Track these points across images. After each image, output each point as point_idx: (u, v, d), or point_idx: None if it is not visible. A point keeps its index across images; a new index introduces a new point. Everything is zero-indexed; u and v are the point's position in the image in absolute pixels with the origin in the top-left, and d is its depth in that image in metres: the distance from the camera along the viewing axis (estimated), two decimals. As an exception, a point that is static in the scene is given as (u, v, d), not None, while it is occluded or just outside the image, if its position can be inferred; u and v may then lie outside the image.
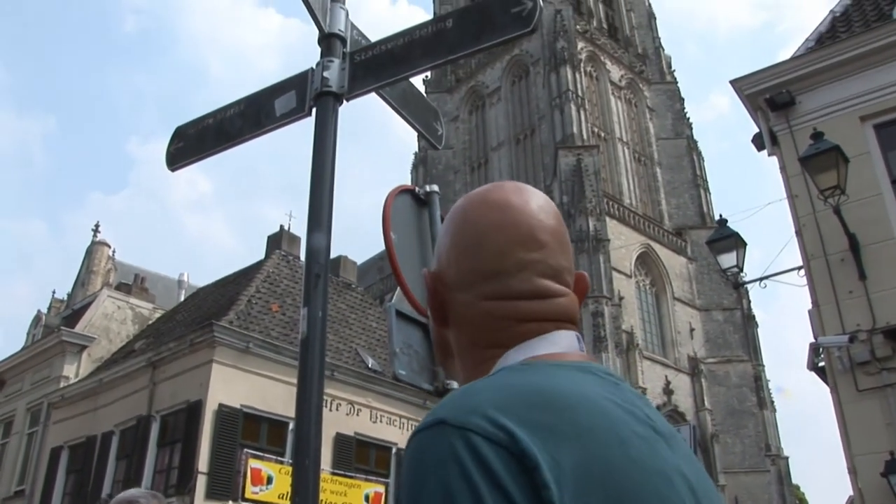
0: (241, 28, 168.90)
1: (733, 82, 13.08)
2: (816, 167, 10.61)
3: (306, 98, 3.24)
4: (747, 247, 12.74)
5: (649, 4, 71.53)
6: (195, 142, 3.70)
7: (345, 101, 3.20)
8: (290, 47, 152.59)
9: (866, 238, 10.80)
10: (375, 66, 3.20)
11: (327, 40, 3.25)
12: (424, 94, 4.17)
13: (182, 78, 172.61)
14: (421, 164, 63.83)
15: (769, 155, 12.89)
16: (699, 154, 62.97)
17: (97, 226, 56.52)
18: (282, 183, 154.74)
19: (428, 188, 3.51)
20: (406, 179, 66.34)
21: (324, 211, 2.92)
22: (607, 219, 51.82)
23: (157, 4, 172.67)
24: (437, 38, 3.14)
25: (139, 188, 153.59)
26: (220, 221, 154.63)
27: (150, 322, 32.40)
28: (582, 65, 59.88)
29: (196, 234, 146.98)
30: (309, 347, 2.72)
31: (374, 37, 3.43)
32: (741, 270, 12.56)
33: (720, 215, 13.56)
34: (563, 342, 1.15)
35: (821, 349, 11.00)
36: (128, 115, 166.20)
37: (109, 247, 54.23)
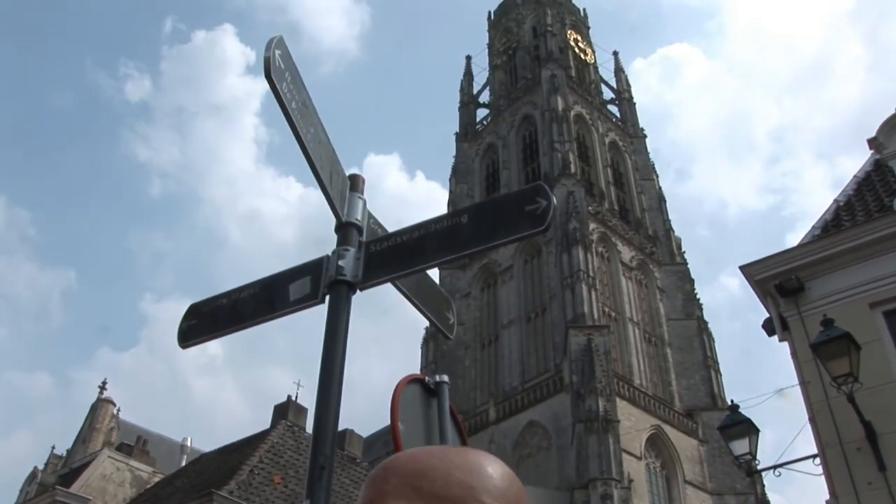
0: (262, 197, 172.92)
1: (743, 268, 13.21)
2: (828, 354, 10.55)
3: (320, 285, 3.28)
4: (760, 432, 12.51)
5: (659, 188, 73.25)
6: (208, 320, 3.72)
7: (358, 291, 3.24)
8: (309, 218, 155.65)
9: (883, 427, 10.60)
10: (390, 257, 3.25)
11: (344, 229, 3.32)
12: (438, 280, 4.21)
13: (201, 241, 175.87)
14: (431, 339, 63.77)
15: (780, 340, 12.86)
16: (709, 335, 62.85)
17: (104, 383, 56.00)
18: (293, 350, 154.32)
19: (438, 378, 3.50)
20: (416, 352, 66.26)
21: (332, 400, 2.90)
22: (617, 399, 51.24)
23: (182, 169, 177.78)
24: (452, 232, 3.20)
25: (149, 347, 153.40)
26: (229, 385, 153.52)
27: (149, 486, 31.64)
28: (593, 245, 60.76)
29: (203, 398, 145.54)
30: (312, 540, 2.65)
31: (390, 217, 3.51)
32: (754, 458, 12.28)
33: (732, 400, 13.39)
34: None
35: (840, 543, 10.62)
36: (144, 272, 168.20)
37: (114, 405, 53.61)
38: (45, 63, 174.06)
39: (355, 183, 3.44)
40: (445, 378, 3.52)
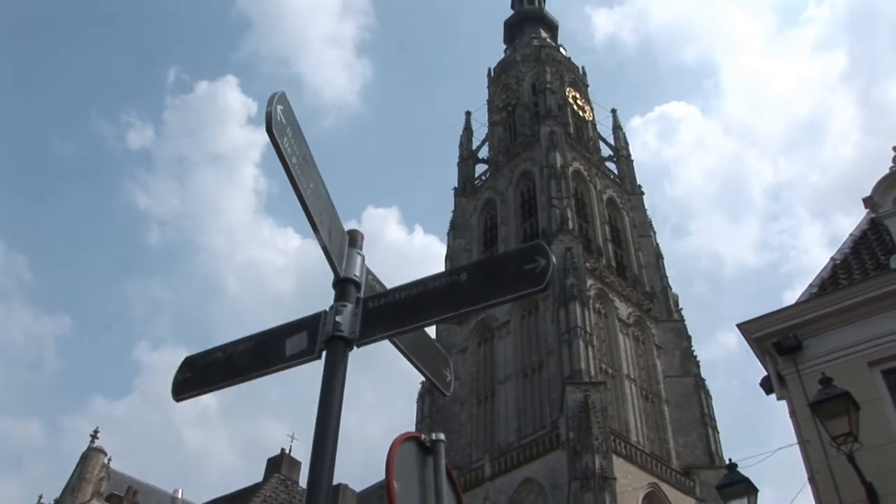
0: (260, 247, 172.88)
1: (740, 326, 13.21)
2: (827, 413, 10.48)
3: (317, 341, 3.26)
4: (759, 492, 12.38)
5: (657, 244, 73.42)
6: (203, 374, 3.70)
7: (355, 347, 3.23)
8: (307, 270, 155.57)
9: (884, 488, 10.50)
10: (388, 313, 3.24)
11: (342, 284, 3.31)
12: (434, 334, 4.19)
13: (198, 290, 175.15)
14: (427, 393, 63.39)
15: (778, 399, 12.82)
16: (707, 392, 62.54)
17: (96, 431, 55.11)
18: (287, 401, 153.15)
19: (434, 436, 3.47)
20: (412, 406, 65.88)
21: (327, 457, 2.87)
22: (614, 457, 50.77)
23: (181, 218, 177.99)
24: (450, 290, 3.20)
25: (143, 396, 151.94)
26: (222, 436, 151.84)
27: (138, 538, 31.20)
28: (591, 301, 60.69)
29: (196, 448, 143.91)
30: None
31: (388, 270, 3.50)
32: (754, 518, 12.14)
33: (730, 459, 13.26)
34: None
35: None
36: (140, 320, 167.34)
37: (105, 454, 52.75)
38: (49, 109, 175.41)
39: (354, 239, 3.44)
40: (442, 436, 3.48)
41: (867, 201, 15.47)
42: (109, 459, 52.88)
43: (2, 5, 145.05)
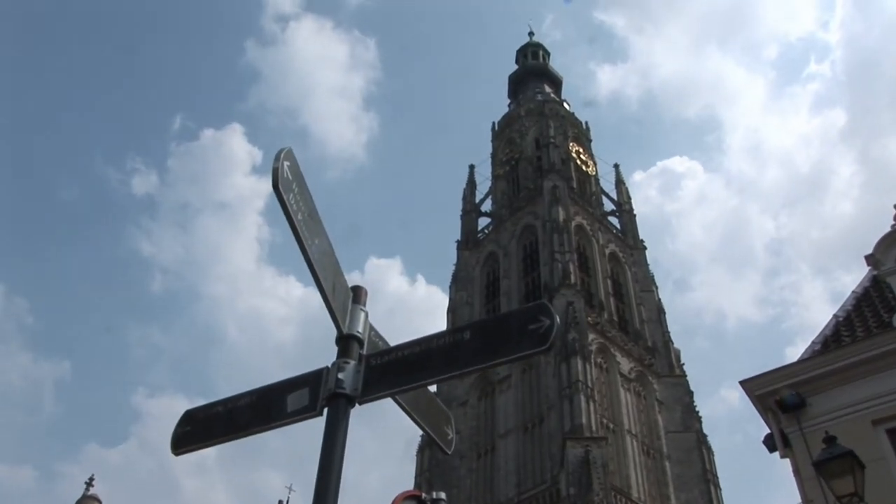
0: (262, 296, 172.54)
1: (743, 383, 13.16)
2: (831, 473, 10.37)
3: (319, 397, 3.26)
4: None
5: (659, 300, 73.33)
6: (203, 428, 3.68)
7: (357, 404, 3.22)
8: (309, 320, 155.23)
9: (891, 551, 10.38)
10: (391, 371, 3.24)
11: (345, 341, 3.31)
12: (435, 387, 4.16)
13: (197, 338, 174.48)
14: (427, 447, 62.91)
15: (781, 457, 12.72)
16: (709, 448, 62.03)
17: (91, 479, 54.57)
18: (286, 451, 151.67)
19: (435, 495, 3.45)
20: (412, 458, 65.37)
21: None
22: (616, 513, 50.26)
23: (183, 265, 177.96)
24: (453, 349, 3.20)
25: (140, 443, 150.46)
26: (220, 486, 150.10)
27: None
28: (592, 356, 60.46)
29: (193, 498, 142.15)
30: None
31: (390, 320, 3.50)
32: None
33: (733, 519, 13.11)
34: None
35: None
36: (139, 366, 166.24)
37: (100, 502, 52.31)
38: (55, 153, 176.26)
39: (358, 295, 3.45)
40: (443, 495, 3.47)
41: (869, 259, 15.50)
42: (102, 508, 52.36)
43: (9, 47, 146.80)
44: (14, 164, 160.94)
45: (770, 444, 13.16)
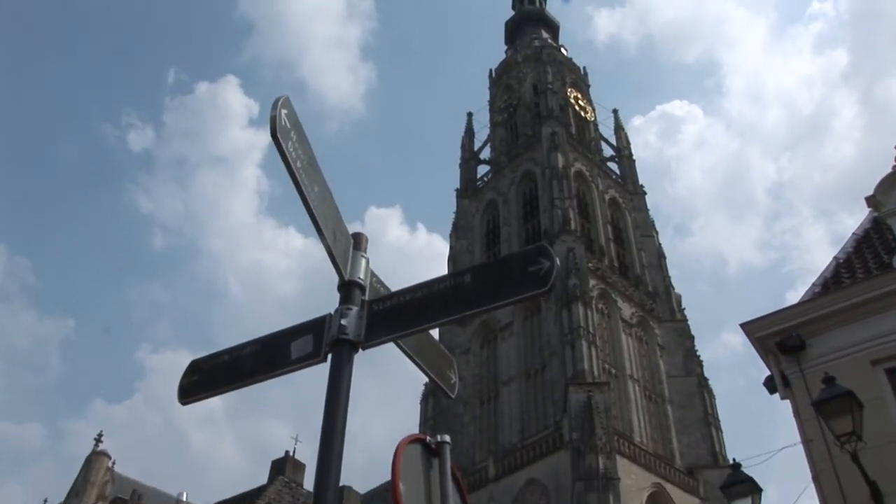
0: (262, 250, 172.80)
1: (744, 325, 13.22)
2: (830, 412, 10.47)
3: (322, 343, 3.27)
4: (763, 491, 12.36)
5: (659, 245, 73.42)
6: (209, 377, 3.71)
7: (361, 350, 3.24)
8: (309, 272, 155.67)
9: (888, 486, 10.49)
10: (393, 316, 3.26)
11: (347, 287, 3.32)
12: (437, 337, 4.18)
13: (199, 293, 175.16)
14: (431, 395, 63.41)
15: (782, 398, 12.81)
16: (710, 392, 62.50)
17: (100, 435, 55.18)
18: (291, 402, 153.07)
19: (440, 438, 3.48)
20: (416, 406, 65.94)
21: (333, 459, 2.88)
22: (617, 457, 50.70)
23: (182, 221, 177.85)
24: (454, 292, 3.21)
25: (146, 398, 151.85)
26: (227, 438, 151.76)
27: (143, 540, 31.12)
28: (594, 302, 60.70)
29: (200, 450, 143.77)
30: None
31: (391, 269, 3.51)
32: (758, 517, 12.12)
33: (734, 459, 13.24)
34: None
35: None
36: (142, 323, 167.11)
37: (110, 458, 52.82)
38: (51, 110, 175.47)
39: (358, 242, 3.45)
40: (447, 438, 3.49)
41: (870, 200, 15.48)
42: (113, 463, 52.88)
43: (1, 6, 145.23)
44: (10, 124, 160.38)
45: (770, 385, 13.26)
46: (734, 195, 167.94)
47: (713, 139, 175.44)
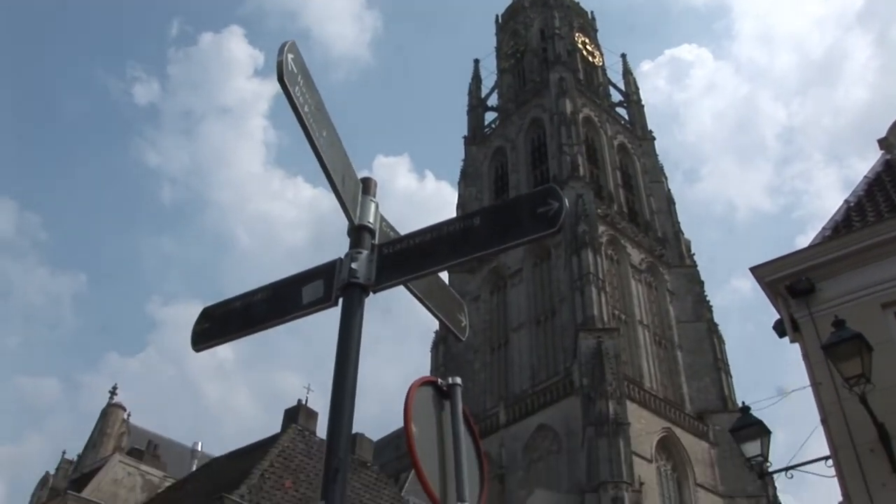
0: (271, 200, 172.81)
1: (753, 269, 13.17)
2: (839, 355, 10.48)
3: (333, 288, 3.28)
4: (772, 434, 12.43)
5: (669, 190, 73.18)
6: (221, 324, 3.72)
7: (371, 293, 3.25)
8: (318, 222, 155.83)
9: (896, 427, 10.54)
10: (403, 259, 3.26)
11: (356, 232, 3.33)
12: (447, 278, 4.20)
13: (209, 245, 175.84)
14: (441, 342, 63.79)
15: (791, 342, 12.81)
16: (720, 337, 62.71)
17: (115, 388, 55.90)
18: (303, 353, 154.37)
19: (451, 380, 3.50)
20: (427, 354, 66.38)
21: (346, 403, 2.91)
22: (628, 402, 51.10)
23: (190, 173, 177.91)
24: (464, 234, 3.21)
25: (158, 351, 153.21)
26: (239, 389, 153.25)
27: (160, 491, 31.56)
28: (603, 248, 60.71)
29: (213, 402, 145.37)
30: (326, 542, 2.66)
31: (400, 217, 3.51)
32: (766, 459, 12.20)
33: (743, 402, 13.30)
34: None
35: (854, 545, 10.55)
36: (152, 276, 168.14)
37: (125, 410, 53.58)
38: (55, 65, 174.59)
39: (367, 186, 3.45)
40: (458, 380, 3.52)
41: (882, 142, 15.35)
42: (129, 415, 53.64)
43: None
44: (15, 80, 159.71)
45: (780, 329, 13.24)
46: (744, 140, 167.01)
47: (723, 84, 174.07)
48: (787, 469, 12.23)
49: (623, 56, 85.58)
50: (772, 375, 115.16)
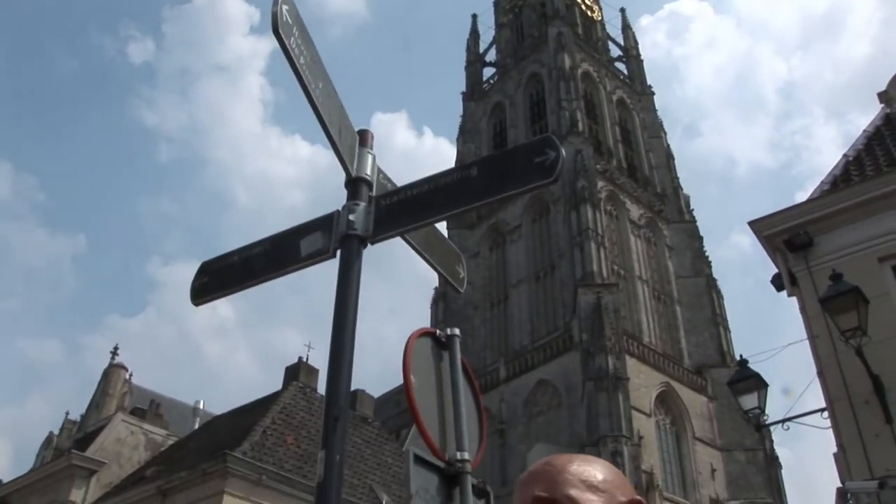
0: (269, 158, 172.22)
1: (752, 223, 13.18)
2: (836, 308, 10.55)
3: (331, 239, 3.28)
4: (769, 387, 12.53)
5: (668, 145, 72.95)
6: (220, 278, 3.72)
7: (369, 244, 3.25)
8: (316, 179, 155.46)
9: (891, 380, 10.61)
10: (400, 210, 3.26)
11: (354, 184, 3.32)
12: (447, 235, 4.21)
13: (207, 204, 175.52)
14: (441, 299, 63.97)
15: (789, 296, 12.86)
16: (718, 293, 62.92)
17: (116, 348, 56.26)
18: (303, 311, 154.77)
19: (449, 331, 3.52)
20: (426, 310, 66.58)
21: (345, 353, 2.92)
22: (627, 357, 51.41)
23: (187, 132, 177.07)
24: (461, 185, 3.21)
25: (158, 311, 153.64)
26: (241, 347, 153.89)
27: (163, 449, 31.83)
28: (602, 203, 60.66)
29: (214, 361, 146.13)
30: (325, 491, 2.69)
31: (399, 173, 3.51)
32: (763, 412, 12.31)
33: (741, 356, 13.40)
34: None
35: (849, 495, 10.69)
36: (150, 236, 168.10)
37: (126, 370, 53.94)
38: (49, 24, 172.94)
39: (364, 138, 3.44)
40: (457, 331, 3.54)
41: (882, 96, 15.29)
42: (131, 375, 53.99)
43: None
44: (8, 41, 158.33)
45: (777, 283, 13.28)
46: (744, 95, 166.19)
47: (723, 38, 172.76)
48: (783, 421, 12.34)
49: (622, 10, 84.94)
50: (769, 329, 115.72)
